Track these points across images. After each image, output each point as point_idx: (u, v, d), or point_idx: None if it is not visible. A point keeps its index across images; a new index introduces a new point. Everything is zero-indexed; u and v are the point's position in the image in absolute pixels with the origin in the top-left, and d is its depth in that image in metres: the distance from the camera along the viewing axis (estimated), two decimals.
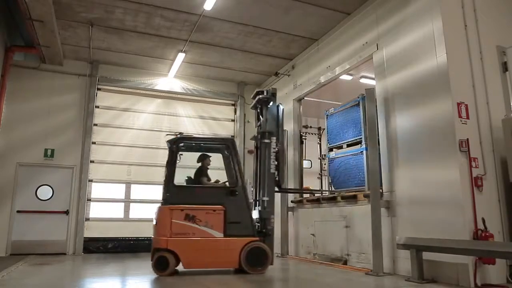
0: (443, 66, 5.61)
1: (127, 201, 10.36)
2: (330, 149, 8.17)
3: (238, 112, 11.65)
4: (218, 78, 11.29)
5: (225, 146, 6.66)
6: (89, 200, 9.88)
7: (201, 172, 6.84)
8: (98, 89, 10.38)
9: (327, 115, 8.24)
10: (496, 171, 5.66)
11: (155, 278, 5.79)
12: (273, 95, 6.82)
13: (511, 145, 5.49)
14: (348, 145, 7.52)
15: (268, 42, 9.13)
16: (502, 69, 6.25)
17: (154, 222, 6.31)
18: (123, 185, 10.40)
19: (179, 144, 6.49)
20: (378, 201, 6.17)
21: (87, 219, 9.72)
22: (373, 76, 7.32)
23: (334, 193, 7.82)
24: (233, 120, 11.79)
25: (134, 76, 10.70)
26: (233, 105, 11.83)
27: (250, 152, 11.22)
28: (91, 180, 9.95)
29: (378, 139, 6.56)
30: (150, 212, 10.31)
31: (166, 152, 9.96)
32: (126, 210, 10.30)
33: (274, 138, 6.63)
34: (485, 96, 5.87)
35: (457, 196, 5.20)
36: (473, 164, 5.38)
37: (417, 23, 6.15)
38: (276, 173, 6.64)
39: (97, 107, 10.31)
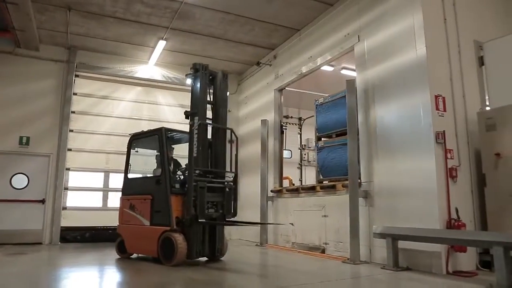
0: (422, 59, 5.70)
1: (106, 190, 10.22)
2: (319, 138, 8.23)
3: None
4: None
5: (156, 136, 6.60)
6: (66, 189, 9.70)
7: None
8: (76, 75, 10.12)
9: (317, 105, 8.28)
10: (470, 162, 5.83)
11: (132, 267, 5.78)
12: (196, 71, 6.42)
13: (485, 138, 5.66)
14: (337, 135, 7.57)
15: (250, 31, 9.07)
16: (478, 63, 6.39)
17: None
18: (102, 174, 10.25)
19: (131, 141, 7.27)
20: (356, 191, 6.27)
21: (64, 208, 9.53)
22: (354, 67, 7.37)
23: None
24: None
25: (113, 63, 10.48)
26: None
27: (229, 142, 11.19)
28: (68, 169, 9.74)
29: (358, 130, 6.65)
30: None
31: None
32: (105, 199, 10.17)
33: (196, 118, 6.19)
34: (462, 89, 6.01)
35: (432, 186, 5.33)
36: (449, 155, 5.53)
37: (398, 15, 6.21)
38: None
39: (75, 94, 10.06)
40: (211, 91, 6.75)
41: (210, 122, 6.59)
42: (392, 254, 5.42)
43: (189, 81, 6.74)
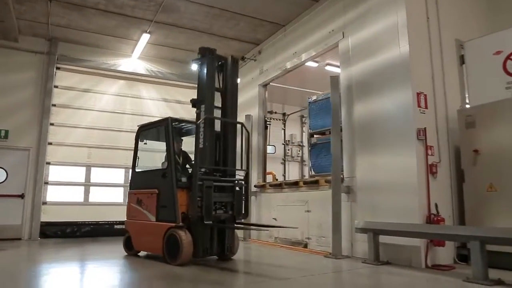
0: (405, 57, 5.77)
1: (87, 184, 10.07)
2: (312, 135, 8.27)
3: None
4: (184, 60, 11.05)
5: (162, 127, 6.22)
6: (47, 183, 9.52)
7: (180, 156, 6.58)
8: (57, 68, 9.92)
9: (310, 102, 8.32)
10: (450, 159, 5.94)
11: (114, 263, 5.72)
12: (202, 55, 6.03)
13: (464, 135, 5.78)
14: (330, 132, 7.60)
15: (235, 26, 9.03)
16: (459, 62, 6.51)
17: None
18: (83, 168, 10.09)
19: (139, 133, 6.89)
20: (339, 186, 6.34)
21: (44, 203, 9.36)
22: (338, 64, 7.42)
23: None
24: None
25: (96, 56, 10.30)
26: None
27: None
28: (48, 163, 9.56)
29: (341, 126, 6.70)
30: (111, 196, 10.20)
31: (128, 134, 9.81)
32: (86, 193, 10.02)
33: (203, 107, 5.79)
34: (443, 87, 6.11)
35: (413, 182, 5.42)
36: (429, 152, 5.63)
37: (382, 13, 6.27)
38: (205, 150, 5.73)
39: (56, 87, 9.86)
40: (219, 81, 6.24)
41: (219, 111, 6.11)
42: (373, 248, 5.50)
43: (195, 66, 6.40)
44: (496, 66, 5.91)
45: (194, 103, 5.89)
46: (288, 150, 13.81)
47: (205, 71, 5.92)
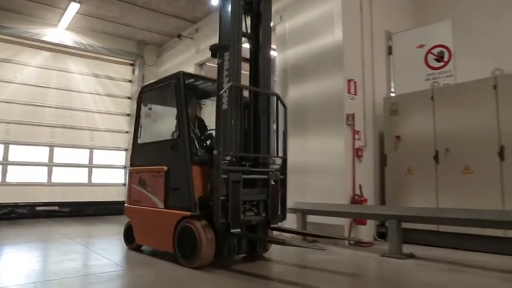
0: (338, 44, 5.96)
1: (5, 163, 9.28)
2: None
3: (136, 72, 11.01)
4: (116, 34, 10.48)
5: (172, 85, 4.70)
6: None
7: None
8: None
9: None
10: (374, 143, 6.32)
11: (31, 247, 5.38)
12: None
13: (388, 121, 6.16)
14: None
15: (175, 2, 8.70)
16: (387, 53, 6.89)
17: None
18: (1, 146, 9.27)
19: (141, 95, 5.42)
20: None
21: None
22: (274, 47, 7.47)
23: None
24: (130, 81, 11.15)
25: (17, 23, 9.36)
26: (131, 65, 11.16)
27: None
28: None
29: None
30: (31, 176, 9.52)
31: (54, 111, 9.08)
32: (4, 172, 9.24)
33: (227, 54, 4.37)
34: (372, 75, 6.44)
35: (340, 165, 5.70)
36: (357, 136, 5.94)
37: (319, 0, 6.39)
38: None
39: None
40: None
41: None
42: (301, 227, 5.72)
43: (215, 1, 5.11)
44: (418, 59, 6.33)
45: (215, 49, 4.49)
46: None
47: (229, 8, 4.45)
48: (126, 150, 10.83)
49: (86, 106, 10.37)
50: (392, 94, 6.65)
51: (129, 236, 5.17)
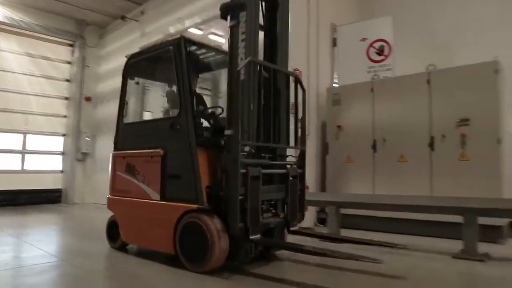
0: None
1: None
2: None
3: (76, 53, 10.37)
4: (53, 11, 9.75)
5: (169, 53, 3.91)
6: None
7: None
8: None
9: None
10: (317, 132, 6.49)
11: None
12: None
13: (331, 111, 6.36)
14: None
15: None
16: (332, 44, 7.07)
17: None
18: None
19: (128, 66, 4.58)
20: None
21: None
22: (222, 34, 7.41)
23: None
24: (69, 63, 10.50)
25: None
26: (70, 45, 10.49)
27: (86, 99, 10.30)
28: None
29: None
30: None
31: None
32: None
33: (243, 14, 3.51)
34: (317, 66, 6.58)
35: None
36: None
37: None
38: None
39: None
40: None
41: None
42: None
43: None
44: (361, 51, 6.59)
45: (226, 9, 3.60)
46: None
47: None
48: (64, 135, 10.26)
49: (20, 88, 9.61)
50: (335, 85, 6.86)
51: (112, 233, 4.42)
